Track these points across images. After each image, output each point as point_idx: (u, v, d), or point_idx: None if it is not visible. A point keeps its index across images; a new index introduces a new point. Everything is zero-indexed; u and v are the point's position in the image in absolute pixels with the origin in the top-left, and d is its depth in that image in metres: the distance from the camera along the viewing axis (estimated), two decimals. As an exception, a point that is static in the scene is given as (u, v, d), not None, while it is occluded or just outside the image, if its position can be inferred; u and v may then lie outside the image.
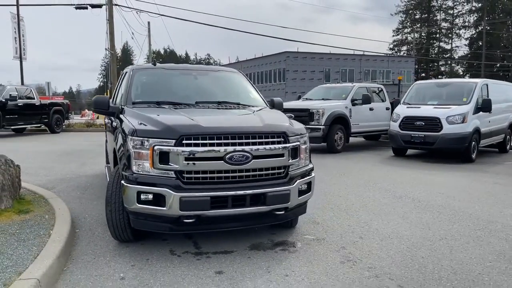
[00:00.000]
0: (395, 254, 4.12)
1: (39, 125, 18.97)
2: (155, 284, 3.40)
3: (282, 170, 4.12)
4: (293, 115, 12.08)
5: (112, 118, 5.29)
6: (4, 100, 16.13)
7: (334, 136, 11.95)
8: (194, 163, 3.76)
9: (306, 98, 13.82)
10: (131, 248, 4.20)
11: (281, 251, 4.17)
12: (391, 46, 77.44)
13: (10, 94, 16.42)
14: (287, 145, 4.12)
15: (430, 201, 6.28)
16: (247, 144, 3.92)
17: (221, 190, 3.83)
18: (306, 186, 4.37)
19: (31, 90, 18.46)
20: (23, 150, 12.31)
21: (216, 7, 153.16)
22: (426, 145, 10.47)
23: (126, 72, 5.70)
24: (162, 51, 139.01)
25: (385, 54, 60.98)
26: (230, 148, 3.83)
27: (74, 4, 22.93)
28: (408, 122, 10.69)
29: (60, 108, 19.60)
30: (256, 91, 5.79)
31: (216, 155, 3.80)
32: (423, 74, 72.68)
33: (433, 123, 10.25)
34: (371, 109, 13.14)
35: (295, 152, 4.23)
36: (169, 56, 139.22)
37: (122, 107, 4.86)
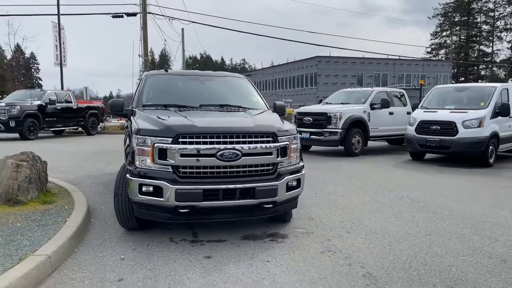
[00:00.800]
0: (375, 247, 4.42)
1: (76, 127, 20.13)
2: (149, 264, 3.87)
3: (271, 167, 4.51)
4: (311, 119, 12.42)
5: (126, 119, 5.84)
6: (44, 104, 17.31)
7: (352, 140, 12.16)
8: (188, 159, 4.21)
9: (326, 102, 14.08)
10: (135, 235, 4.70)
11: (269, 241, 4.56)
12: (429, 49, 75.99)
13: (50, 98, 17.58)
14: (276, 144, 4.50)
15: (429, 202, 6.48)
16: (238, 142, 4.34)
17: (213, 184, 4.26)
18: (295, 182, 4.73)
19: (69, 95, 19.64)
20: (59, 150, 13.23)
21: (253, 13, 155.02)
22: (441, 149, 10.54)
23: (142, 78, 6.26)
24: (198, 57, 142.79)
25: (420, 58, 59.79)
26: (221, 146, 4.26)
27: (111, 13, 24.15)
28: (424, 126, 10.78)
29: (96, 111, 20.72)
30: (259, 95, 6.20)
31: (209, 152, 4.24)
32: (462, 78, 70.76)
33: (449, 127, 10.31)
34: (391, 113, 13.25)
35: (284, 151, 4.60)
36: (205, 62, 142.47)
37: (134, 109, 5.39)
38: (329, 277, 3.65)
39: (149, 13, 24.79)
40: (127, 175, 4.41)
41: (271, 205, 4.50)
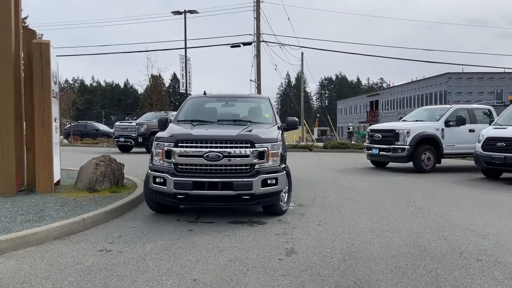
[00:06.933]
0: (324, 235, 5.34)
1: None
2: (147, 230, 5.49)
3: (248, 167, 5.80)
4: (380, 135, 12.93)
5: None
6: (166, 124, 20.68)
7: (421, 156, 12.30)
8: (183, 158, 5.77)
9: (404, 120, 14.31)
10: (157, 215, 6.38)
11: (247, 226, 5.81)
12: None
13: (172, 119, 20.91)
14: (253, 149, 5.79)
15: (431, 209, 6.89)
16: (221, 147, 5.75)
17: (200, 178, 5.73)
18: (274, 181, 5.92)
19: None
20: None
21: (393, 30, 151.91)
22: (506, 166, 10.20)
23: (186, 99, 8.06)
24: (334, 77, 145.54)
25: None
26: (207, 150, 5.72)
27: (229, 44, 27.41)
28: (489, 143, 10.56)
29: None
30: (273, 112, 7.46)
31: (198, 154, 5.74)
32: None
33: (514, 144, 9.99)
34: (471, 130, 12.95)
35: (262, 155, 5.85)
36: (340, 82, 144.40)
37: (170, 124, 7.16)
38: (260, 246, 4.80)
39: (263, 41, 27.38)
40: (148, 170, 6.15)
41: (248, 197, 5.77)
